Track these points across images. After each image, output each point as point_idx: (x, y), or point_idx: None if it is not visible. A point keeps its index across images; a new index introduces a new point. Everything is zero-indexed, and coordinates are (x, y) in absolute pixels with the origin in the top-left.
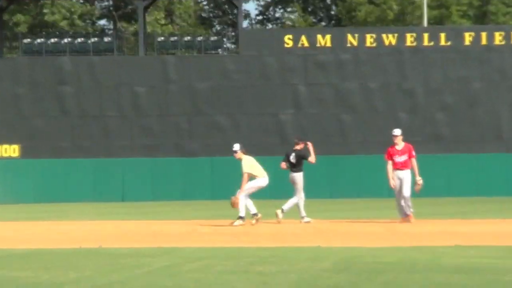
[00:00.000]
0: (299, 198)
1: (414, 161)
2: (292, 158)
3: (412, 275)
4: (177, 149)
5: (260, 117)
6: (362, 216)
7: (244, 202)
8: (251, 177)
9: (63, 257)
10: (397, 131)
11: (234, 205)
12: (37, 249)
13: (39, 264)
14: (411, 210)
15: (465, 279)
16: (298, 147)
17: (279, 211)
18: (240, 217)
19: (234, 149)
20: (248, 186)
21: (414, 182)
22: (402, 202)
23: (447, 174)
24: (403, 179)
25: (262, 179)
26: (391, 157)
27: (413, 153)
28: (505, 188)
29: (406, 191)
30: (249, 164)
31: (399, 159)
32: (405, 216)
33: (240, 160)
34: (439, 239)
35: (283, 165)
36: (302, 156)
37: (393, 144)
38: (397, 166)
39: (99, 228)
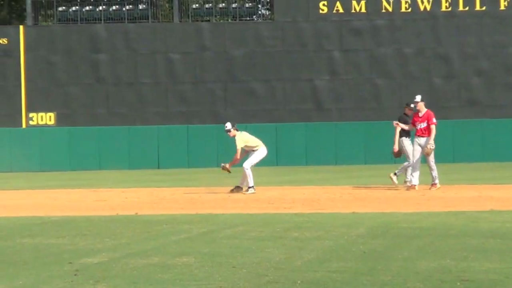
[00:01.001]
0: (409, 162)
1: (433, 128)
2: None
3: (447, 240)
4: (212, 116)
5: (295, 83)
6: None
7: (251, 173)
8: (251, 150)
9: (99, 224)
10: (418, 97)
11: (225, 170)
12: (73, 217)
13: (76, 231)
14: (435, 178)
15: (500, 244)
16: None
17: (393, 175)
18: (251, 187)
19: (226, 128)
20: (252, 159)
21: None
22: (407, 165)
23: (482, 139)
24: (429, 151)
25: (261, 149)
26: (414, 123)
27: (434, 120)
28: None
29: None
30: (243, 139)
31: (420, 125)
32: (410, 185)
33: (234, 137)
34: (474, 204)
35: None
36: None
37: (417, 111)
38: (418, 133)
39: (135, 195)
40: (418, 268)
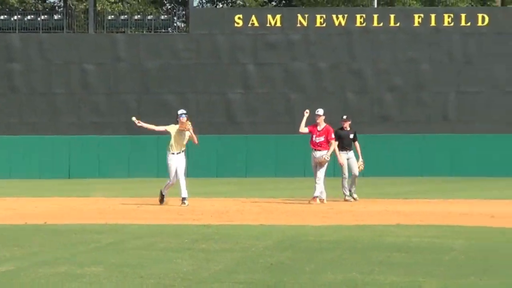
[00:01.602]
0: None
1: (332, 143)
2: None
3: (354, 253)
4: (125, 127)
5: (209, 96)
6: (306, 195)
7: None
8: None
9: (8, 233)
10: (320, 111)
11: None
12: None
13: None
14: (317, 192)
15: (406, 258)
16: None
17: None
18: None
19: (183, 112)
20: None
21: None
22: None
23: (393, 154)
24: (322, 163)
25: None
26: (311, 133)
27: (332, 135)
28: (449, 168)
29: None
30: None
31: (318, 139)
32: (313, 198)
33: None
34: (381, 218)
35: None
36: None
37: (315, 124)
38: (314, 146)
39: (45, 204)
40: (324, 281)
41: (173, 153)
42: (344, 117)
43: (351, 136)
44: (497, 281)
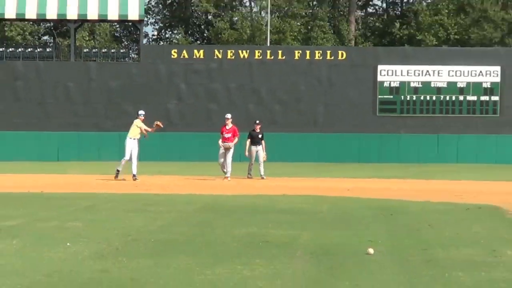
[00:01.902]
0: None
1: (236, 138)
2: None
3: (255, 215)
4: (96, 126)
5: (154, 106)
6: (221, 174)
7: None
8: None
9: (15, 198)
10: (229, 115)
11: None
12: None
13: None
14: (226, 171)
15: (290, 218)
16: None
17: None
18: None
19: (142, 113)
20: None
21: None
22: (222, 162)
23: (281, 146)
24: (228, 149)
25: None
26: (222, 131)
27: (237, 133)
28: (317, 156)
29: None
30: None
31: (226, 135)
32: (225, 177)
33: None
34: (273, 190)
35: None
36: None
37: (225, 124)
38: (224, 140)
39: (41, 179)
40: (233, 233)
41: (131, 138)
42: (257, 121)
43: (260, 136)
44: (350, 232)
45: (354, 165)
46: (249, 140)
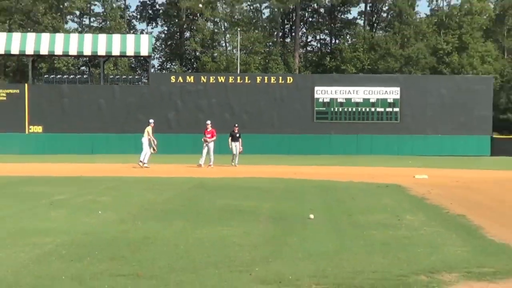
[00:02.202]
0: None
1: (214, 138)
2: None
3: (233, 192)
4: (121, 128)
5: (159, 116)
6: (207, 163)
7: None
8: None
9: (60, 180)
10: (209, 121)
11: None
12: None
13: (51, 184)
14: (211, 160)
15: (257, 193)
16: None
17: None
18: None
19: (151, 121)
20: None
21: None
22: (205, 154)
23: (248, 144)
24: (207, 144)
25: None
26: (204, 133)
27: (215, 133)
28: (276, 150)
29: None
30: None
31: (207, 135)
32: (209, 164)
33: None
34: (246, 174)
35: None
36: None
37: (206, 128)
38: (206, 138)
39: (78, 166)
40: (216, 204)
41: (144, 137)
42: (236, 125)
43: (238, 135)
44: (297, 203)
45: (299, 156)
46: (230, 138)
